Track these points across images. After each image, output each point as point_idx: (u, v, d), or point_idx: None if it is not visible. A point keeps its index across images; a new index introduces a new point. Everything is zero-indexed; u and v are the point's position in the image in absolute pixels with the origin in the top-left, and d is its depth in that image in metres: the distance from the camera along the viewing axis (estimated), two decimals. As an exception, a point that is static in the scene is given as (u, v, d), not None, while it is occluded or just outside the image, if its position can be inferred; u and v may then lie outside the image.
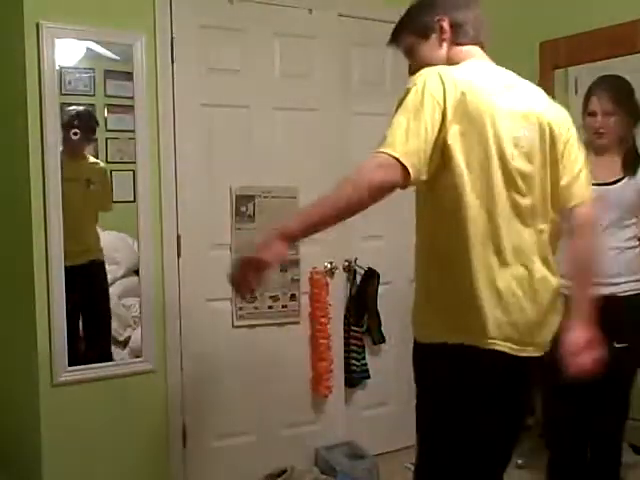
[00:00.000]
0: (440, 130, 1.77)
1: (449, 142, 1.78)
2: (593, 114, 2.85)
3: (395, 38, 2.11)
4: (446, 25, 2.00)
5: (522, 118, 1.90)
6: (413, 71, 2.02)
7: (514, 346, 1.87)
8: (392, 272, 3.75)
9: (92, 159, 3.36)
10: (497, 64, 2.04)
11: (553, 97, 4.37)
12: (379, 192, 1.73)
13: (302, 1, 3.42)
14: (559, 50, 3.83)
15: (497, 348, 1.85)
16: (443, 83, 1.79)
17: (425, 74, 1.84)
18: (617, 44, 3.53)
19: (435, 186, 1.82)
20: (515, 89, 1.96)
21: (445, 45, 2.01)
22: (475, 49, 2.02)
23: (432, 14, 2.01)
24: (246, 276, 1.82)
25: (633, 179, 2.81)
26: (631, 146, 2.85)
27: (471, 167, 1.80)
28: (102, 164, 3.38)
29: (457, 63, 1.96)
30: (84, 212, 3.27)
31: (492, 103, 1.85)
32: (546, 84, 3.90)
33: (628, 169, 2.81)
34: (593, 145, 2.91)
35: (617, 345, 2.77)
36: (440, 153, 1.78)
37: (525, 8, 4.02)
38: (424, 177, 1.76)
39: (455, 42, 2.01)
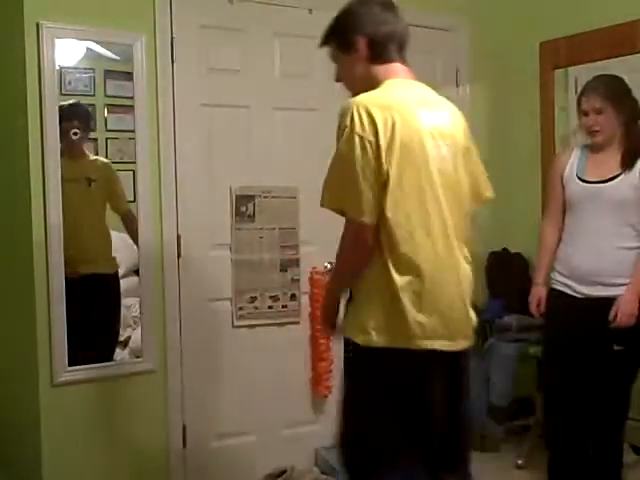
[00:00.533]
0: (378, 168, 1.88)
1: (390, 172, 1.89)
2: (585, 113, 2.88)
3: (324, 43, 2.16)
4: (363, 44, 2.03)
5: (443, 137, 2.01)
6: (337, 78, 2.14)
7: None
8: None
9: (92, 156, 3.32)
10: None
11: (553, 97, 4.38)
12: (366, 260, 1.96)
13: (302, 1, 3.42)
14: (559, 50, 3.84)
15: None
16: (373, 119, 1.87)
17: (354, 110, 1.89)
18: (617, 44, 3.54)
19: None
20: (436, 108, 2.06)
21: (364, 63, 2.05)
22: (397, 67, 2.07)
23: (351, 31, 2.05)
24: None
25: (629, 174, 2.80)
26: (631, 142, 2.85)
27: (404, 189, 1.91)
28: (104, 160, 3.32)
29: (378, 81, 2.01)
30: (85, 215, 3.21)
31: (419, 126, 1.95)
32: (546, 84, 3.92)
33: (625, 165, 2.82)
34: (591, 143, 2.92)
35: (616, 347, 2.77)
36: (383, 186, 1.90)
37: (525, 8, 4.02)
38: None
39: (374, 61, 2.04)
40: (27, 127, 2.84)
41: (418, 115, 1.97)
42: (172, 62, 3.14)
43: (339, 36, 2.09)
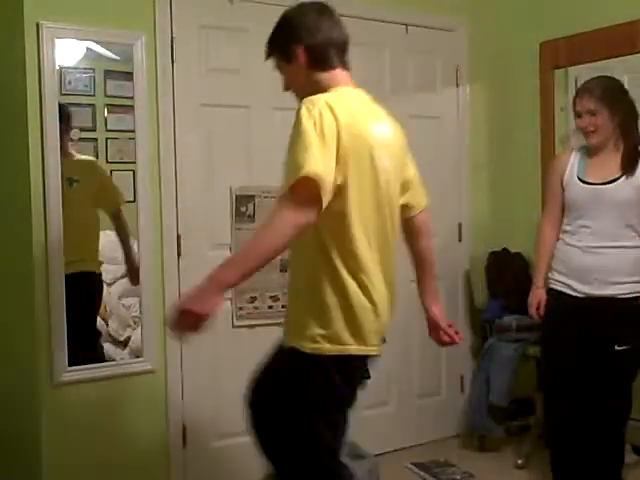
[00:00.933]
0: (341, 163, 1.88)
1: (344, 172, 1.89)
2: (579, 115, 2.88)
3: (268, 55, 2.15)
4: (301, 53, 2.03)
5: (386, 147, 2.03)
6: (285, 88, 2.14)
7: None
8: (392, 272, 3.75)
9: (78, 156, 3.22)
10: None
11: (553, 97, 4.38)
12: (299, 232, 1.83)
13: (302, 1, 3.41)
14: (559, 50, 3.84)
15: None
16: (335, 116, 1.87)
17: (317, 105, 1.88)
18: (617, 44, 3.54)
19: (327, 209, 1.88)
20: (378, 117, 2.08)
21: (306, 71, 2.04)
22: (341, 74, 2.06)
23: (288, 41, 2.05)
24: (185, 326, 1.88)
25: (631, 178, 2.81)
26: (629, 144, 2.85)
27: (363, 194, 1.95)
28: (90, 158, 3.26)
29: (325, 87, 2.01)
30: (67, 215, 3.03)
31: (372, 138, 1.98)
32: (546, 84, 3.92)
33: (626, 168, 2.82)
34: (587, 145, 2.93)
35: (618, 348, 2.78)
36: (340, 186, 1.89)
37: (525, 8, 4.03)
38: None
39: (316, 68, 2.04)
40: (27, 127, 2.84)
41: (370, 127, 2.00)
42: (172, 62, 3.14)
43: (278, 47, 2.09)
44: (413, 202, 2.24)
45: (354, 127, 1.93)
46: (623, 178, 2.81)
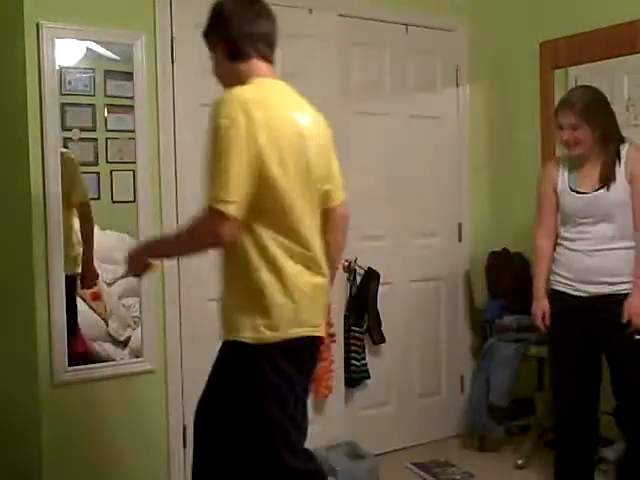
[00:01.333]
0: (258, 164, 1.90)
1: (269, 174, 1.93)
2: (560, 127, 2.90)
3: (207, 45, 2.18)
4: (220, 45, 2.08)
5: (309, 136, 2.06)
6: (216, 79, 2.17)
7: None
8: (392, 272, 3.75)
9: None
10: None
11: (553, 97, 4.38)
12: (216, 246, 2.03)
13: (302, 1, 3.41)
14: (559, 50, 3.84)
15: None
16: (251, 116, 1.89)
17: (231, 107, 1.91)
18: (617, 44, 3.54)
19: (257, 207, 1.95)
20: (300, 106, 2.11)
21: (226, 61, 2.09)
22: (258, 65, 2.09)
23: (210, 31, 2.11)
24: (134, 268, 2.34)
25: (614, 184, 2.83)
26: (607, 155, 2.86)
27: (287, 188, 1.97)
28: (63, 149, 3.11)
29: (242, 78, 2.03)
30: None
31: (291, 123, 2.01)
32: (546, 84, 3.92)
33: (604, 181, 2.85)
34: (570, 158, 2.94)
35: (638, 337, 2.79)
36: (262, 184, 1.93)
37: (525, 8, 4.03)
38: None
39: (234, 59, 2.07)
40: (27, 127, 2.84)
41: (292, 116, 2.03)
42: (172, 62, 3.14)
43: (205, 36, 2.15)
44: (334, 193, 2.22)
45: (274, 119, 1.95)
46: (604, 189, 2.84)
